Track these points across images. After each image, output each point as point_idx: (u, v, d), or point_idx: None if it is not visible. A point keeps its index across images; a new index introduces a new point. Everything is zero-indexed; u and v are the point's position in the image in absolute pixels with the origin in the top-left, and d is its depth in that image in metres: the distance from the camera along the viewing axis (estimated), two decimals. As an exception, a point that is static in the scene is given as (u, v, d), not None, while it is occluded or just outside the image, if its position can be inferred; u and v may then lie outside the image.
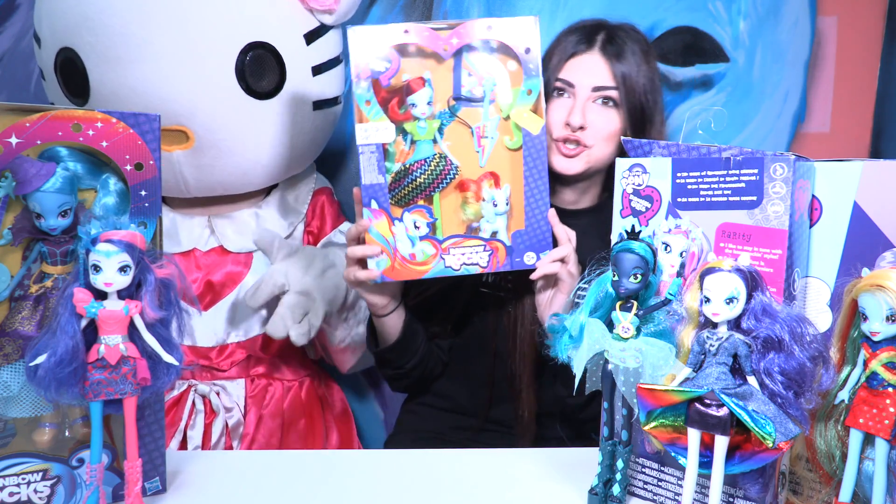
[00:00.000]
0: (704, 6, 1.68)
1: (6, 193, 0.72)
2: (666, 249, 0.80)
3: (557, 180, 1.14)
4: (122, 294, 0.70)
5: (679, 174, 0.79)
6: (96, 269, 0.68)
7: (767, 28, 1.70)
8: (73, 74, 1.19)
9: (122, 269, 0.68)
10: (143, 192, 0.76)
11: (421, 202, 0.98)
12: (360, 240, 1.00)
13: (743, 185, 0.73)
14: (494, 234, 1.00)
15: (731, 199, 0.74)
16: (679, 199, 0.79)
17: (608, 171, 1.15)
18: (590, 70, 1.11)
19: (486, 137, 0.98)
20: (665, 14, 1.67)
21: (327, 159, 1.52)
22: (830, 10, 1.70)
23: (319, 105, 1.30)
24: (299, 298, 1.20)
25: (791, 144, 1.74)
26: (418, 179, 0.97)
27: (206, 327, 1.28)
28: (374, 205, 0.96)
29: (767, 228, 0.72)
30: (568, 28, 1.17)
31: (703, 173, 0.77)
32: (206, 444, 1.24)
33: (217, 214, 1.32)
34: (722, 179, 0.75)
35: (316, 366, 1.44)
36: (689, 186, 0.78)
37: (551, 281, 1.04)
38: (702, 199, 0.77)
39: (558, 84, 1.12)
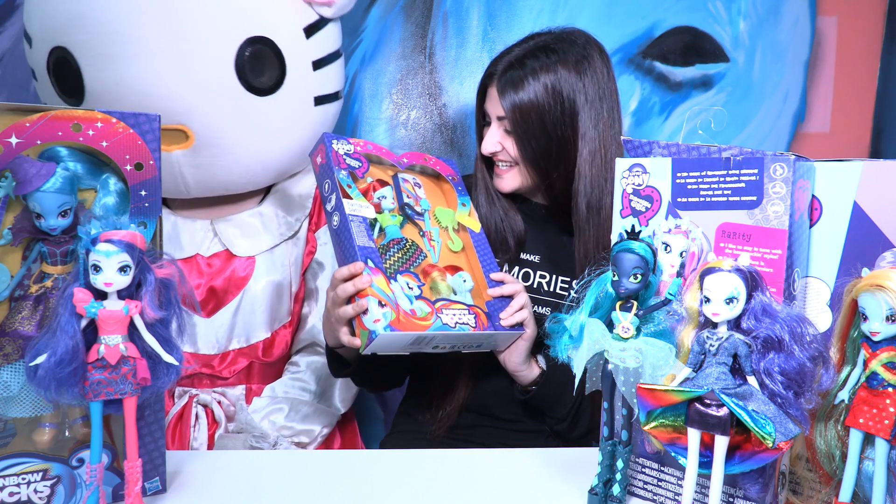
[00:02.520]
0: (704, 6, 1.68)
1: (6, 193, 0.72)
2: (666, 249, 0.80)
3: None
4: (122, 294, 0.70)
5: (679, 174, 0.79)
6: (96, 269, 0.68)
7: (767, 28, 1.70)
8: (67, 74, 1.17)
9: (122, 269, 0.68)
10: (143, 192, 0.76)
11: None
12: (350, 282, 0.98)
13: (743, 185, 0.73)
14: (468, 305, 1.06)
15: (731, 199, 0.74)
16: (679, 199, 0.79)
17: (548, 193, 1.20)
18: (493, 103, 1.17)
19: (434, 241, 1.10)
20: (665, 14, 1.68)
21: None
22: (830, 10, 1.71)
23: (321, 100, 1.29)
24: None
25: (791, 144, 1.74)
26: (397, 254, 1.04)
27: (209, 334, 1.27)
28: (370, 263, 0.97)
29: (767, 228, 0.72)
30: (492, 60, 1.20)
31: (703, 173, 0.77)
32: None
33: (219, 217, 1.30)
34: (722, 179, 0.75)
35: None
36: (689, 186, 0.78)
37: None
38: (702, 199, 0.77)
39: (485, 116, 1.21)
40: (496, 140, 1.17)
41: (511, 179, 1.20)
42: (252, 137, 1.22)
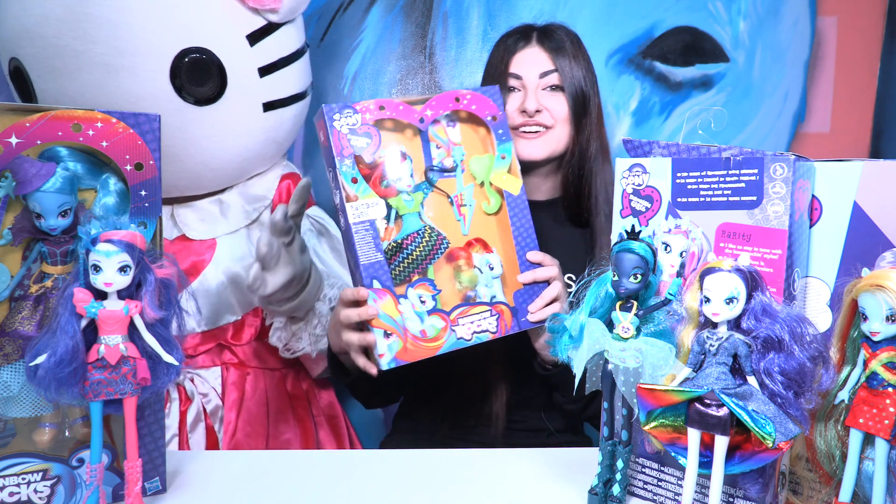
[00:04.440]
0: (704, 6, 1.68)
1: (6, 193, 0.72)
2: (666, 249, 0.80)
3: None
4: (122, 294, 0.70)
5: (679, 174, 0.79)
6: (96, 269, 0.68)
7: (767, 28, 1.70)
8: (23, 84, 1.20)
9: (122, 269, 0.68)
10: (143, 192, 0.76)
11: (416, 277, 0.95)
12: (356, 304, 0.93)
13: (743, 185, 0.73)
14: (492, 298, 0.98)
15: (731, 199, 0.74)
16: (679, 199, 0.79)
17: (567, 168, 1.22)
18: (533, 60, 1.20)
19: (465, 205, 0.99)
20: (665, 14, 1.68)
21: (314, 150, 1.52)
22: (830, 10, 1.71)
23: (271, 105, 1.28)
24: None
25: (791, 144, 1.74)
26: (413, 254, 0.95)
27: None
28: (376, 284, 0.90)
29: (767, 228, 0.72)
30: (504, 34, 1.26)
31: (703, 173, 0.77)
32: (182, 430, 1.23)
33: (180, 204, 1.31)
34: (722, 179, 0.75)
35: (297, 362, 1.43)
36: (689, 186, 0.78)
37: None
38: (702, 199, 0.77)
39: (510, 80, 1.21)
40: (539, 99, 1.18)
41: (545, 144, 1.20)
42: (196, 147, 1.22)
